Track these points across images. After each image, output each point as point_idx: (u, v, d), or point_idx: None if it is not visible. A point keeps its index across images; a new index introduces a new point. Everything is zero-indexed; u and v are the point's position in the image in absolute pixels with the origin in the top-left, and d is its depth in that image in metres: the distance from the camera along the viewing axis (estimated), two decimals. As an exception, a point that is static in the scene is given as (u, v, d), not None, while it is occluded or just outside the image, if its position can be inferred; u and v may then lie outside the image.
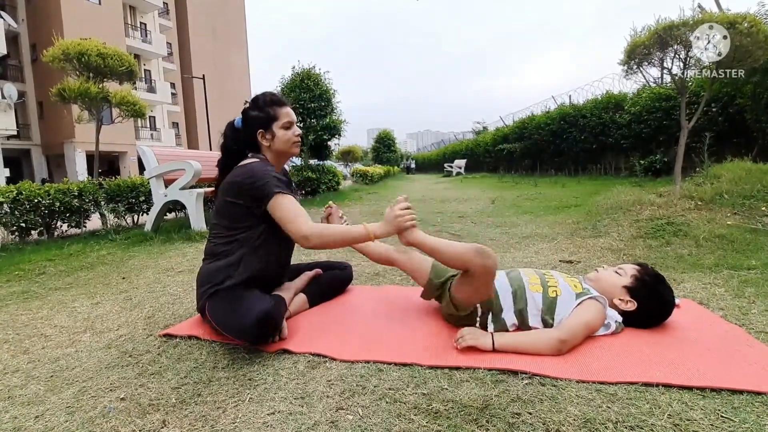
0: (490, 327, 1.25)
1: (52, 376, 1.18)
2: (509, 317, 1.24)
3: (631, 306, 1.25)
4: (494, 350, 1.13)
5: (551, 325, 1.20)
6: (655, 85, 5.79)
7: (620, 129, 8.26)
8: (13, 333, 1.56)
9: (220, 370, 1.14)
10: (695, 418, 0.82)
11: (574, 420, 0.82)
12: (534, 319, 1.23)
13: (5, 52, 15.83)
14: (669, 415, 0.83)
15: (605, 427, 0.80)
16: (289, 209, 1.32)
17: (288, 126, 1.45)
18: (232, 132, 1.49)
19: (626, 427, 0.80)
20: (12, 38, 19.45)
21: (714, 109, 5.95)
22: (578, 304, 1.20)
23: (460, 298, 1.26)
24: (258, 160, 1.42)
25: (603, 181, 7.52)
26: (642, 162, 7.23)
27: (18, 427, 0.93)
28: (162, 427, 0.89)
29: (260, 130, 1.44)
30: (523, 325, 1.24)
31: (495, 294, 1.27)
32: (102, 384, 1.10)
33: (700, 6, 5.66)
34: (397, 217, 1.30)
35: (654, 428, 0.79)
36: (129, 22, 23.51)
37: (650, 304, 1.26)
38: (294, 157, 8.64)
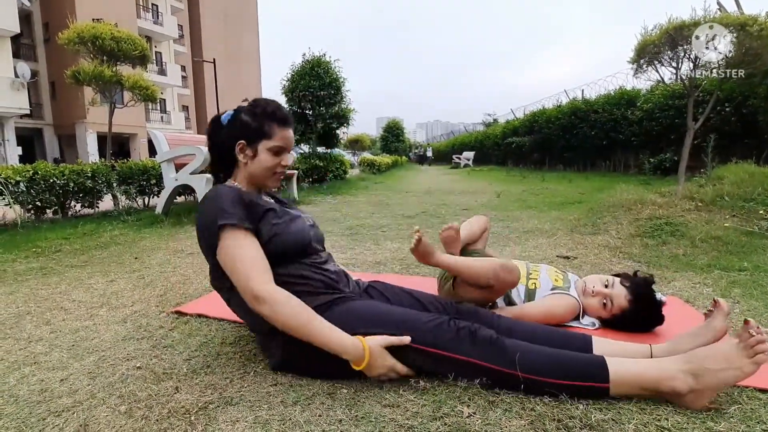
0: None
1: (73, 345, 1.29)
2: (500, 301, 1.36)
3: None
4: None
5: None
6: (670, 81, 5.72)
7: (631, 126, 8.18)
8: (34, 306, 1.67)
9: (227, 346, 1.24)
10: (660, 403, 0.88)
11: (549, 400, 0.89)
12: (517, 303, 1.34)
13: (18, 31, 15.94)
14: (635, 399, 0.90)
15: (576, 407, 0.87)
16: (235, 255, 0.99)
17: (278, 151, 1.13)
18: (215, 128, 1.16)
19: (595, 409, 0.86)
20: (25, 17, 19.55)
21: (727, 109, 5.87)
22: (549, 295, 1.30)
23: (462, 295, 1.27)
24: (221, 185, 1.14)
25: (611, 178, 7.49)
26: (651, 160, 7.18)
27: (45, 389, 1.03)
28: (175, 393, 0.98)
29: (242, 142, 1.12)
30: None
31: None
32: (119, 354, 1.20)
33: (719, 4, 5.55)
34: (385, 368, 0.97)
35: (621, 411, 0.85)
36: (141, 3, 23.47)
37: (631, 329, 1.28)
38: (299, 149, 8.49)
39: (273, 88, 8.52)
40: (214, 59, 20.98)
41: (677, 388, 0.85)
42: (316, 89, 7.28)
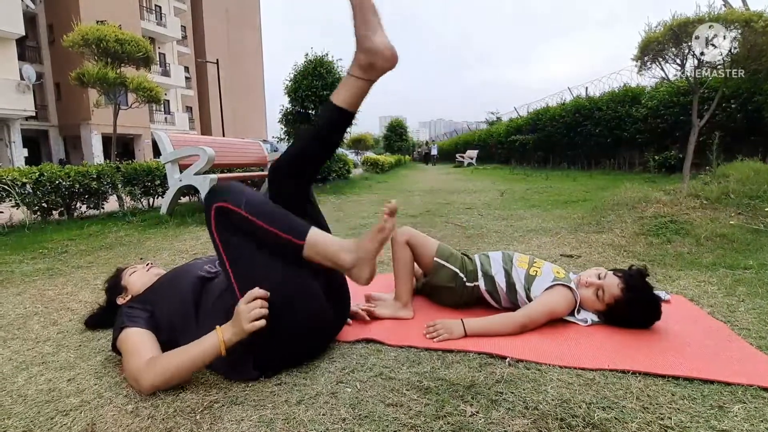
0: (481, 283, 1.40)
1: (80, 345, 1.30)
2: (500, 279, 1.39)
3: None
4: (466, 336, 1.22)
5: (530, 298, 1.33)
6: (675, 78, 5.66)
7: (636, 123, 8.12)
8: (41, 306, 1.68)
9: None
10: (663, 402, 0.89)
11: (552, 400, 0.90)
12: (519, 285, 1.36)
13: (23, 33, 16.06)
14: (638, 398, 0.90)
15: (579, 406, 0.87)
16: (128, 344, 1.06)
17: (132, 271, 1.38)
18: (103, 312, 1.41)
19: (598, 408, 0.87)
20: (30, 19, 19.68)
21: (733, 106, 5.82)
22: (549, 287, 1.30)
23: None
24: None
25: (615, 176, 7.45)
26: (656, 158, 7.13)
27: (53, 388, 1.04)
28: (180, 392, 0.99)
29: (118, 297, 1.35)
30: (509, 290, 1.38)
31: (486, 257, 1.46)
32: (126, 353, 1.21)
33: (724, 0, 5.50)
34: (241, 313, 0.98)
35: (624, 410, 0.87)
36: (144, 5, 23.58)
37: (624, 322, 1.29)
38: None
39: (275, 87, 8.51)
40: (217, 60, 21.06)
41: (345, 260, 1.03)
42: (319, 89, 7.28)
